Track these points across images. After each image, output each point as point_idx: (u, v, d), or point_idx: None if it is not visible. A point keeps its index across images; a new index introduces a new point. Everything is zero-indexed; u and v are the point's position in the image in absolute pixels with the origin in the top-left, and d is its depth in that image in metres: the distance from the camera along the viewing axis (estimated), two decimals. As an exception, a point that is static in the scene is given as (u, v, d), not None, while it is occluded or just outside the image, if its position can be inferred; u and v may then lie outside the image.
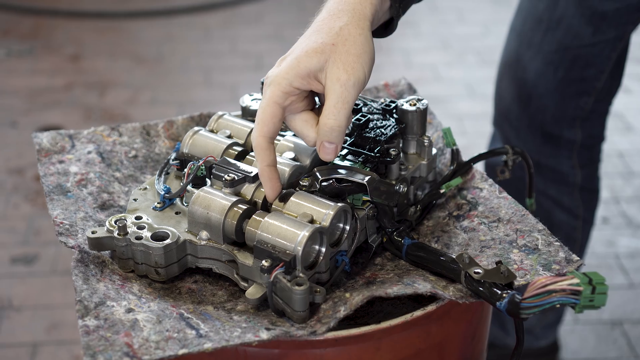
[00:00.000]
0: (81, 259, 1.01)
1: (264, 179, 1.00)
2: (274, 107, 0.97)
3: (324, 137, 0.98)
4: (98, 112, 3.32)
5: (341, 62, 0.96)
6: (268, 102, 0.97)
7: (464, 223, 1.12)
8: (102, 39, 3.93)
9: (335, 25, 0.98)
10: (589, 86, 1.75)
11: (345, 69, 0.95)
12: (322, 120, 0.97)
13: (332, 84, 0.96)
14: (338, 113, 0.96)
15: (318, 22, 1.00)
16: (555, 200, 1.90)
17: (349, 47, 0.96)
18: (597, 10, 1.65)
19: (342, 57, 0.96)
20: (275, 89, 0.97)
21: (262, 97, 0.98)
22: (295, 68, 0.96)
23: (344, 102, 0.96)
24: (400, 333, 0.97)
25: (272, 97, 0.97)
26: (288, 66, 0.97)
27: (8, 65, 3.69)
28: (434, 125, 1.28)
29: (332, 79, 0.96)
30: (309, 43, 0.97)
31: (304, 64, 0.96)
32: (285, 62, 0.98)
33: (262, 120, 0.98)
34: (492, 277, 0.96)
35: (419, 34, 4.01)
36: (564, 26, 1.70)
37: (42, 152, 1.20)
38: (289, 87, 0.97)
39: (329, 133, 0.97)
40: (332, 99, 0.96)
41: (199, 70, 3.67)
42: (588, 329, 2.28)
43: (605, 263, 2.51)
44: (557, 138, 1.82)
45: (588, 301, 0.88)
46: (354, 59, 0.96)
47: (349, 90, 0.96)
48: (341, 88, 0.95)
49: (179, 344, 0.90)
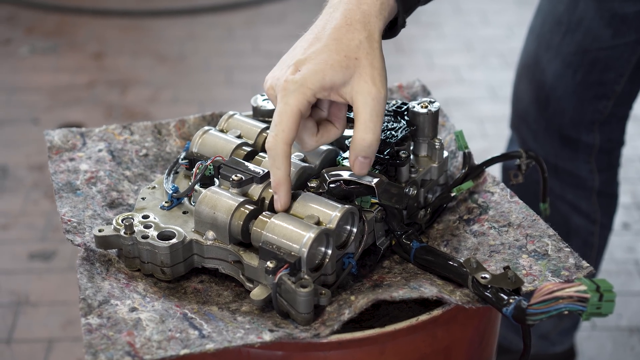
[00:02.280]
0: (87, 257, 1.01)
1: (281, 190, 0.99)
2: (297, 115, 0.96)
3: (361, 152, 0.98)
4: (119, 110, 3.33)
5: (368, 76, 0.96)
6: (292, 109, 0.96)
7: (474, 227, 1.11)
8: (125, 37, 3.94)
9: (355, 38, 0.97)
10: (608, 90, 1.73)
11: (374, 83, 0.96)
12: (358, 135, 0.97)
13: (364, 99, 0.96)
14: (375, 127, 0.96)
15: (335, 29, 0.98)
16: (573, 205, 1.89)
17: (372, 60, 0.97)
18: (617, 12, 1.63)
19: (368, 70, 0.96)
20: (301, 98, 0.96)
21: (282, 102, 0.96)
22: (321, 81, 0.95)
23: (378, 115, 0.96)
24: (406, 337, 0.96)
25: (298, 104, 0.96)
26: (312, 76, 0.96)
27: (32, 62, 3.71)
28: (447, 128, 1.27)
29: (363, 94, 0.96)
30: (332, 55, 0.96)
31: (330, 77, 0.95)
32: (306, 70, 0.96)
33: (286, 127, 0.96)
34: (500, 282, 0.94)
35: (442, 35, 3.99)
36: (584, 28, 1.68)
37: (53, 149, 1.21)
38: (313, 97, 0.96)
39: (367, 148, 0.97)
40: (366, 113, 0.96)
41: (220, 70, 3.67)
42: (605, 336, 2.26)
43: (625, 269, 2.48)
44: (575, 142, 1.80)
45: (595, 309, 0.87)
46: (379, 72, 0.97)
47: (381, 104, 0.96)
48: (373, 102, 0.96)
49: (181, 344, 0.89)
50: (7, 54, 3.78)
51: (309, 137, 1.01)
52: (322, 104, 1.03)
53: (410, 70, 3.60)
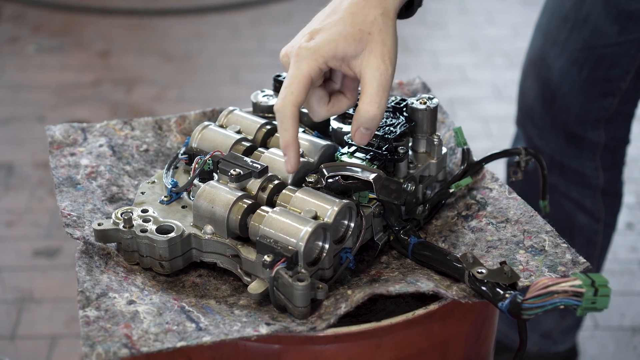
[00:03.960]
0: (85, 250, 1.02)
1: (290, 151, 1.01)
2: (307, 80, 0.99)
3: (364, 123, 1.01)
4: (124, 108, 3.34)
5: (379, 52, 0.99)
6: (303, 73, 0.99)
7: (472, 223, 1.11)
8: (132, 36, 3.95)
9: (370, 14, 1.00)
10: (614, 87, 1.72)
11: (383, 60, 0.99)
12: (363, 107, 1.00)
13: (372, 73, 0.99)
14: (380, 101, 0.99)
15: (353, 3, 1.01)
16: (577, 203, 1.88)
17: (384, 37, 1.00)
18: (624, 9, 1.63)
19: (379, 46, 0.99)
20: (312, 63, 0.99)
21: (294, 67, 0.99)
22: (334, 50, 0.99)
23: (384, 90, 0.99)
24: (402, 331, 0.96)
25: (308, 70, 0.99)
26: (325, 45, 0.99)
27: (38, 61, 3.73)
28: (447, 125, 1.27)
29: (371, 68, 0.99)
30: (346, 27, 0.99)
31: (342, 48, 0.99)
32: (320, 39, 0.99)
33: (295, 89, 0.99)
34: (496, 277, 0.95)
35: (447, 35, 3.99)
36: (590, 25, 1.68)
37: (54, 144, 1.21)
38: (325, 65, 0.99)
39: (370, 120, 1.00)
40: (373, 86, 0.99)
41: (226, 69, 3.68)
42: (608, 335, 2.26)
43: (628, 269, 2.48)
44: (580, 139, 1.80)
45: (590, 303, 0.87)
46: (389, 49, 1.00)
47: (388, 80, 1.00)
48: (381, 77, 0.99)
49: (177, 337, 0.90)
50: (14, 52, 3.79)
51: (321, 106, 1.04)
52: (335, 76, 1.05)
53: (415, 69, 3.60)
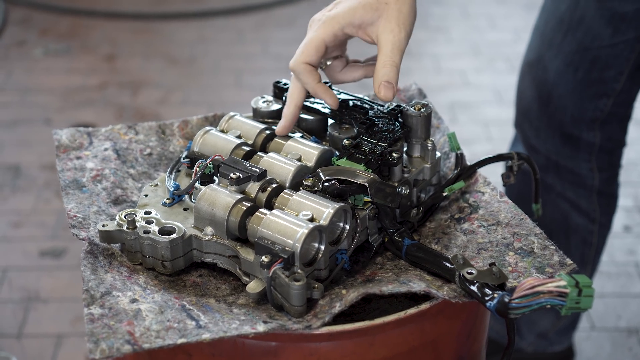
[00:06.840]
0: (90, 251, 1.06)
1: (321, 92, 1.12)
2: (320, 43, 1.08)
3: (384, 77, 1.08)
4: (130, 111, 3.38)
5: (394, 18, 1.08)
6: (317, 37, 1.08)
7: (464, 225, 1.15)
8: (137, 40, 4.00)
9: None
10: (608, 88, 1.75)
11: (397, 25, 1.08)
12: (381, 65, 1.08)
13: (386, 35, 1.08)
14: (396, 59, 1.08)
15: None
16: (573, 203, 1.91)
17: (400, 6, 1.08)
18: (617, 11, 1.66)
19: (394, 14, 1.08)
20: (327, 29, 1.08)
21: (311, 31, 1.08)
22: (351, 17, 1.07)
23: (398, 49, 1.08)
24: (394, 330, 1.00)
25: (322, 34, 1.08)
26: (343, 12, 1.08)
27: (45, 64, 3.77)
28: (442, 130, 1.31)
29: (385, 31, 1.08)
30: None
31: (360, 15, 1.07)
32: (341, 8, 1.08)
33: (306, 49, 1.08)
34: (485, 278, 0.98)
35: (449, 39, 4.02)
36: (584, 27, 1.71)
37: (61, 148, 1.25)
38: (340, 31, 1.08)
39: (389, 71, 1.08)
40: (387, 46, 1.08)
41: (230, 72, 3.72)
42: (604, 336, 2.29)
43: (625, 271, 2.51)
44: (576, 139, 1.83)
45: (574, 303, 0.91)
46: (405, 18, 1.08)
47: (402, 41, 1.08)
48: (395, 38, 1.08)
49: (178, 334, 0.94)
50: (22, 55, 3.84)
51: (335, 73, 1.17)
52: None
53: (417, 73, 3.64)
